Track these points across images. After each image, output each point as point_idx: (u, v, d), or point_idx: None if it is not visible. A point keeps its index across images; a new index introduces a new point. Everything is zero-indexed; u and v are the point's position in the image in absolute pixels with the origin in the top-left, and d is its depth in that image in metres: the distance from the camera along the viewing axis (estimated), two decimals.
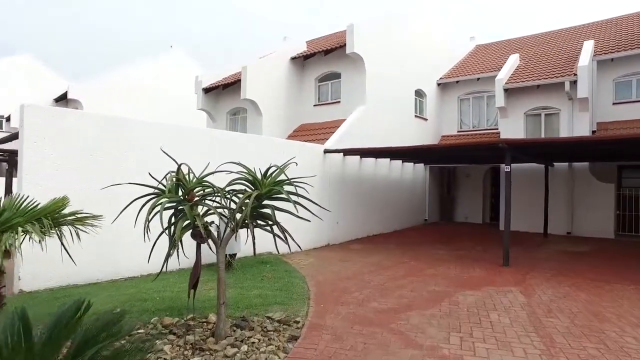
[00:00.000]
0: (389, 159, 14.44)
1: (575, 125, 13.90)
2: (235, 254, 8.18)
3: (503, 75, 15.20)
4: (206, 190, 4.40)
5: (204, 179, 4.32)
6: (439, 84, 18.45)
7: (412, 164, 16.16)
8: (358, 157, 12.87)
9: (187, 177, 4.29)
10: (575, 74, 13.54)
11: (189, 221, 4.08)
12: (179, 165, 4.15)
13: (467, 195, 18.36)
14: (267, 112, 14.40)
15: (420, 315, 5.40)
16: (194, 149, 7.85)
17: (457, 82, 18.17)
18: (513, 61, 16.39)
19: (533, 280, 7.40)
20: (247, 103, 14.63)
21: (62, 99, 22.14)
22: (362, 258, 9.65)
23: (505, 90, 15.02)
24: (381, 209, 14.10)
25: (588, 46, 14.49)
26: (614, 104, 14.93)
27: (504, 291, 6.65)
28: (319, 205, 5.08)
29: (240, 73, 14.20)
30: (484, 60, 19.27)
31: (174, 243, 3.96)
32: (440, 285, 7.06)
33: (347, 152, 11.35)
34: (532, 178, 14.75)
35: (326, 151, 11.45)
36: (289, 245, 4.78)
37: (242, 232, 8.76)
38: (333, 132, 12.51)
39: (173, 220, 4.18)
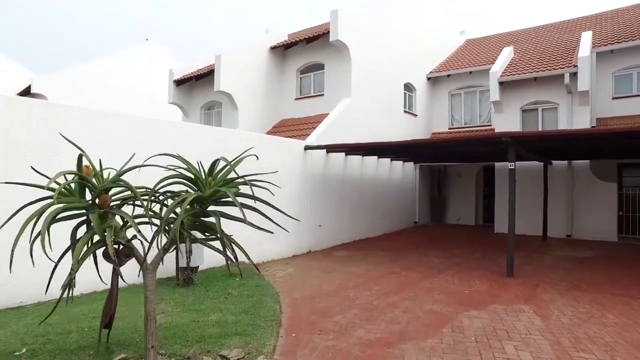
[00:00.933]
0: (376, 157, 13.35)
1: (574, 120, 12.98)
2: (197, 267, 6.95)
3: (498, 67, 14.24)
4: (128, 192, 3.19)
5: (120, 178, 3.09)
6: (429, 78, 17.44)
7: (401, 162, 15.10)
8: (343, 154, 11.74)
9: (99, 173, 3.08)
10: (575, 66, 12.61)
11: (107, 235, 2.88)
12: (80, 156, 2.93)
13: (459, 196, 17.38)
14: (244, 106, 13.17)
15: (417, 348, 4.26)
16: (139, 142, 6.60)
17: (449, 76, 17.18)
18: (507, 54, 15.45)
19: (545, 295, 6.34)
20: (221, 96, 13.39)
21: (27, 94, 20.54)
22: (347, 267, 8.51)
23: (500, 83, 14.04)
24: (368, 212, 12.99)
25: (587, 37, 13.59)
26: (613, 98, 14.08)
27: (514, 310, 5.56)
28: (284, 212, 3.83)
29: (215, 64, 12.95)
30: (476, 54, 18.33)
31: (75, 266, 2.76)
32: (438, 303, 5.94)
33: (331, 148, 10.21)
34: (529, 177, 13.80)
35: (307, 147, 10.29)
36: (235, 263, 3.59)
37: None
38: (316, 127, 11.36)
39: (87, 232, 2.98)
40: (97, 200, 2.97)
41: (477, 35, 22.38)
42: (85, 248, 2.86)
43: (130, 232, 3.39)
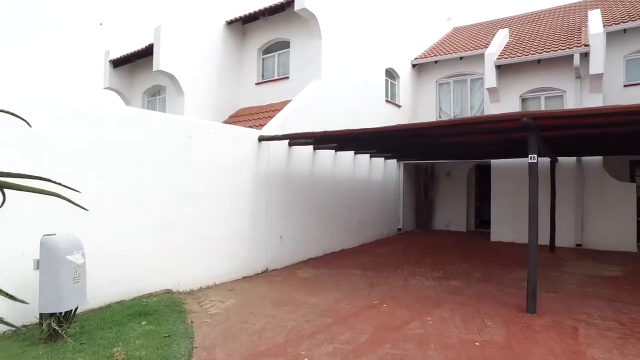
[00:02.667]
0: (352, 152, 11.17)
1: None
2: (71, 311, 4.56)
3: (494, 49, 12.24)
4: None
5: None
6: (414, 65, 15.36)
7: (382, 160, 12.96)
8: (310, 149, 9.51)
9: None
10: (586, 45, 10.67)
11: None
12: None
13: (448, 199, 15.33)
14: (192, 90, 10.81)
15: None
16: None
17: (436, 62, 15.12)
18: (503, 36, 13.49)
19: (596, 351, 4.20)
20: (165, 79, 10.99)
21: None
22: (309, 297, 6.27)
23: (498, 67, 12.04)
24: (343, 218, 10.78)
25: (595, 15, 11.69)
26: (624, 86, 12.20)
27: None
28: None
29: (154, 38, 10.54)
30: (466, 40, 16.35)
31: None
32: None
33: (294, 138, 7.97)
34: (525, 176, 11.78)
35: (262, 138, 8.03)
36: None
37: (112, 265, 5.23)
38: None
39: None
40: None
41: (465, 22, 20.48)
42: None
43: None
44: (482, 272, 8.13)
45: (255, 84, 11.81)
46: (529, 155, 5.40)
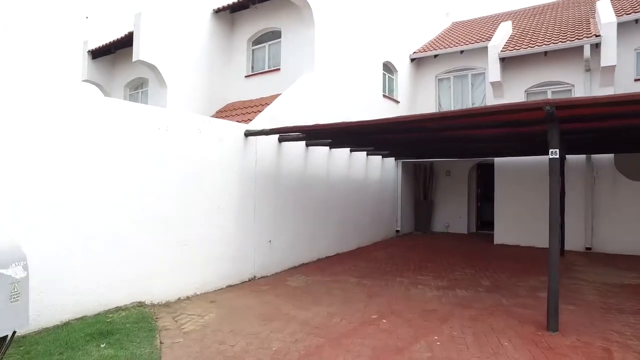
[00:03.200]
0: (348, 150, 10.45)
1: None
2: (8, 336, 3.80)
3: (498, 41, 11.56)
4: None
5: None
6: (412, 60, 14.67)
7: (379, 158, 12.26)
8: (302, 145, 8.79)
9: None
10: (597, 35, 10.01)
11: None
12: None
13: (448, 199, 14.64)
14: (176, 83, 10.04)
15: None
16: None
17: (436, 56, 14.43)
18: (506, 29, 12.82)
19: None
20: (147, 71, 10.21)
21: None
22: (298, 310, 5.55)
23: (502, 60, 11.36)
24: (338, 220, 10.07)
25: (605, 4, 11.04)
26: (635, 80, 11.54)
27: None
28: None
29: (134, 25, 9.73)
30: (467, 34, 15.67)
31: None
32: None
33: (283, 132, 7.24)
34: (536, 174, 11.15)
35: (248, 133, 7.29)
36: None
37: (61, 271, 4.48)
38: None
39: None
40: None
41: (464, 17, 19.81)
42: None
43: None
44: (490, 279, 7.43)
45: (245, 76, 11.07)
46: (550, 150, 4.69)
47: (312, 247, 9.07)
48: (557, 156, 4.66)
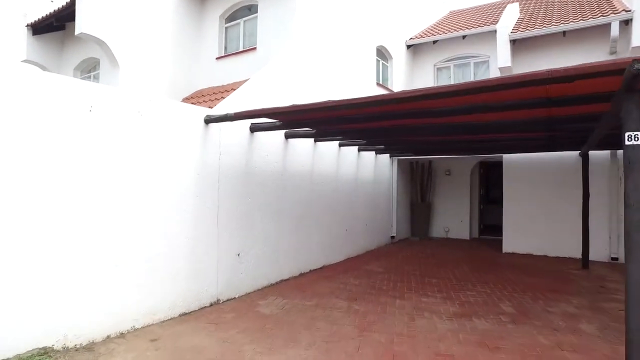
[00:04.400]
0: (336, 144, 8.96)
1: None
2: None
3: (507, 22, 10.15)
4: None
5: None
6: (409, 47, 13.23)
7: (372, 155, 10.78)
8: (280, 137, 7.26)
9: None
10: (627, 11, 8.63)
11: None
12: None
13: (449, 201, 13.22)
14: (131, 64, 8.43)
15: None
16: None
17: (435, 42, 13.00)
18: (513, 12, 11.44)
19: None
20: (98, 49, 8.57)
21: None
22: (267, 357, 4.01)
23: (512, 43, 9.95)
24: (325, 226, 8.55)
25: None
26: None
27: None
28: None
29: None
30: (467, 21, 14.27)
31: None
32: None
33: (254, 117, 5.67)
34: (550, 174, 9.78)
35: (209, 120, 5.74)
36: None
37: None
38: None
39: None
40: None
41: (462, 6, 18.43)
42: None
43: None
44: (511, 301, 5.97)
45: (216, 58, 9.50)
46: (627, 135, 3.21)
47: (294, 259, 7.54)
48: (639, 141, 3.18)
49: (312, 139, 8.06)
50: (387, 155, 11.67)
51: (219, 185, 6.00)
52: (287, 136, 7.33)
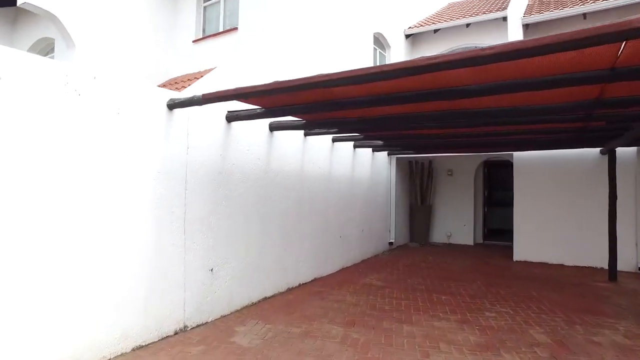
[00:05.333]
0: (330, 140, 7.89)
1: None
2: None
3: (518, 5, 9.16)
4: None
5: None
6: (408, 36, 12.21)
7: (369, 153, 9.72)
8: (264, 129, 6.16)
9: None
10: None
11: None
12: None
13: (451, 204, 12.20)
14: (91, 44, 7.27)
15: None
16: None
17: (436, 31, 12.00)
18: None
19: None
20: (50, 25, 7.38)
21: None
22: None
23: (525, 27, 8.96)
24: (316, 233, 7.46)
25: None
26: None
27: None
28: None
29: None
30: (470, 9, 13.30)
31: None
32: None
33: (225, 98, 4.53)
34: (567, 173, 8.80)
35: (174, 104, 4.63)
36: None
37: None
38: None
39: None
40: None
41: None
42: None
43: None
44: (542, 326, 4.91)
45: (193, 41, 8.37)
46: None
47: (279, 272, 6.43)
48: None
49: (302, 133, 6.98)
50: (385, 153, 10.61)
51: (187, 185, 4.88)
52: (272, 128, 6.23)
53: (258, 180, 6.01)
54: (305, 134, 7.04)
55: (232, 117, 5.40)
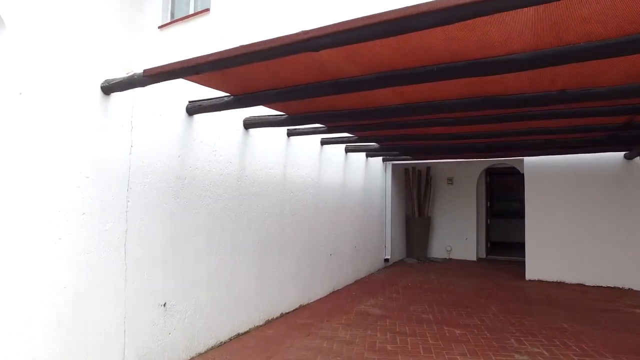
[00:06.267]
0: (319, 144, 6.78)
1: None
2: None
3: None
4: None
5: None
6: None
7: (363, 159, 8.63)
8: (237, 125, 5.01)
9: None
10: None
11: None
12: None
13: (450, 215, 11.14)
14: (30, 25, 6.11)
15: None
16: None
17: None
18: None
19: None
20: None
21: None
22: None
23: None
24: (301, 251, 6.30)
25: None
26: None
27: None
28: None
29: None
30: None
31: None
32: None
33: (182, 73, 3.43)
34: (585, 181, 7.82)
35: (109, 87, 3.49)
36: None
37: None
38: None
39: None
40: None
41: None
42: None
43: None
44: None
45: (159, 27, 7.22)
46: None
47: (255, 302, 5.24)
48: None
49: (284, 131, 5.86)
50: (380, 159, 9.53)
51: (130, 194, 3.69)
52: (248, 125, 5.09)
53: (228, 189, 4.84)
54: (289, 134, 5.91)
55: (193, 108, 4.26)
